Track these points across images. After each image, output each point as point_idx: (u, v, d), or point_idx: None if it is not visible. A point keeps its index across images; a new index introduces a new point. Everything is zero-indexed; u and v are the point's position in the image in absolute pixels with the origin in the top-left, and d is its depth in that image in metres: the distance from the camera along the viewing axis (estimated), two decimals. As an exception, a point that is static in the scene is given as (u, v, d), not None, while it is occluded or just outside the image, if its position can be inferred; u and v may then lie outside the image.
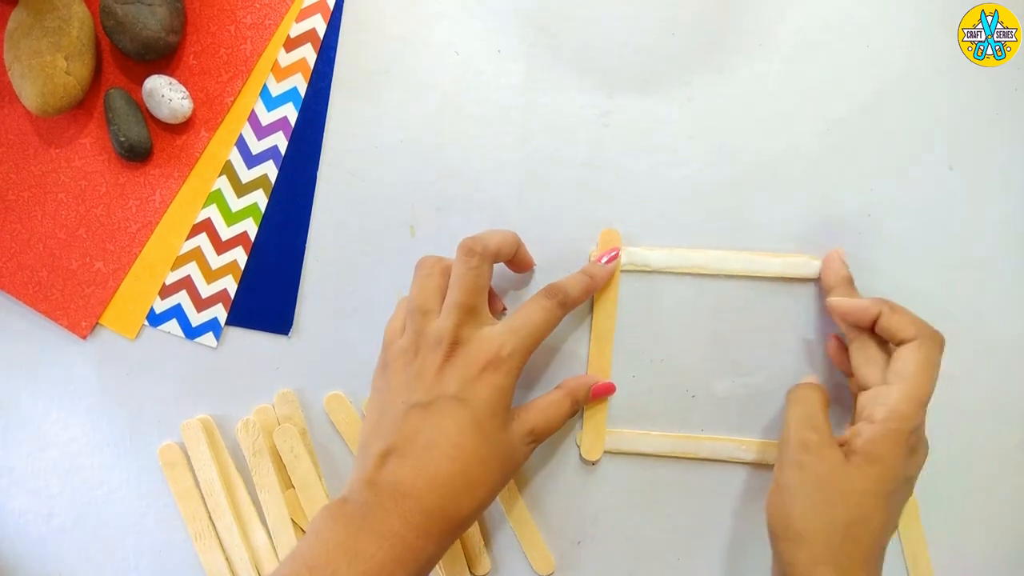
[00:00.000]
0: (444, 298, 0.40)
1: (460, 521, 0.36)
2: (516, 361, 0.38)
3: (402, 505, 0.35)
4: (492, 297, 0.45)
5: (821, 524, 0.36)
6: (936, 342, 0.38)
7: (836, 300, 0.41)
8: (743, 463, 0.45)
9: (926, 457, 0.38)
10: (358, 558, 0.33)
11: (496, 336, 0.38)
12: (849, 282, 0.42)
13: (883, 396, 0.37)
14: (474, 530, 0.46)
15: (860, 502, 0.36)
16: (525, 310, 0.40)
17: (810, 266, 0.44)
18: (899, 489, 0.37)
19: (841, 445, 0.38)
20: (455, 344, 0.38)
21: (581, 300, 0.42)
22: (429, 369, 0.38)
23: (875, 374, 0.39)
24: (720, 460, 0.45)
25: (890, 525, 0.37)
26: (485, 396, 0.37)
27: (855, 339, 0.40)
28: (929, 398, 0.37)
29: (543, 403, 0.41)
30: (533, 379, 0.46)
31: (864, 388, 0.39)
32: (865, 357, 0.40)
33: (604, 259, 0.44)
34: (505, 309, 0.46)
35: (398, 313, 0.42)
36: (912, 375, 0.37)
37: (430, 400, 0.37)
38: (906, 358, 0.37)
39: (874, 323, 0.39)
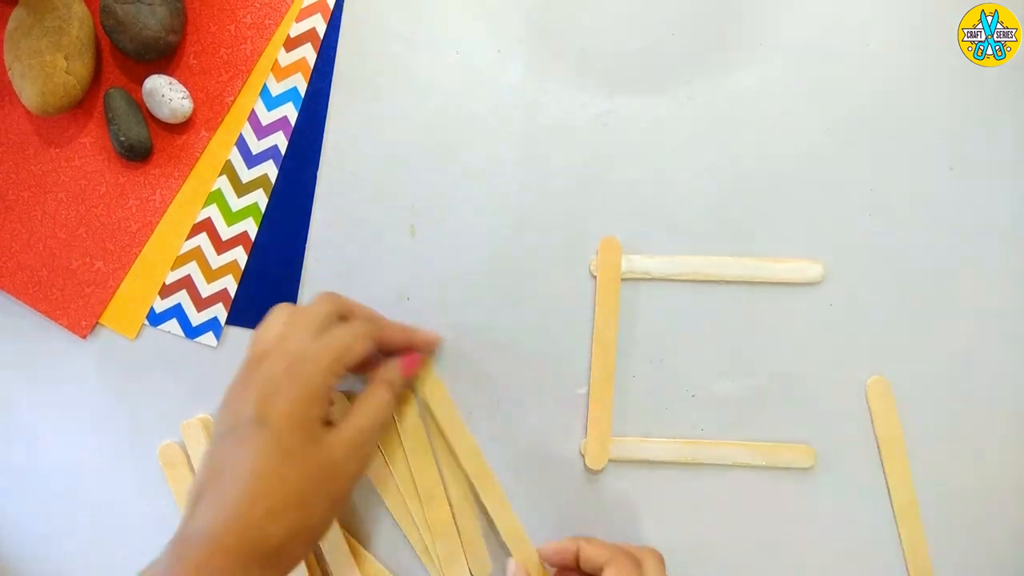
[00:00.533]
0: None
1: (273, 551, 0.33)
2: (316, 369, 0.35)
3: (201, 552, 0.32)
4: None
5: None
6: (626, 563, 0.38)
7: (541, 548, 0.42)
8: (747, 466, 0.45)
9: None
10: None
11: (299, 348, 0.36)
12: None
13: None
14: (474, 530, 0.46)
15: None
16: (341, 329, 0.38)
17: (809, 271, 0.44)
18: None
19: None
20: (262, 357, 0.36)
21: (393, 338, 0.42)
22: (235, 391, 0.36)
23: None
24: (725, 465, 0.45)
25: None
26: (284, 411, 0.34)
27: None
28: None
29: (360, 403, 0.39)
30: (533, 389, 0.46)
31: None
32: None
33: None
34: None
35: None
36: None
37: (232, 425, 0.35)
38: None
39: (577, 560, 0.40)
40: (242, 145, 0.47)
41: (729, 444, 0.45)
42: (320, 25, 0.47)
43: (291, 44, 0.47)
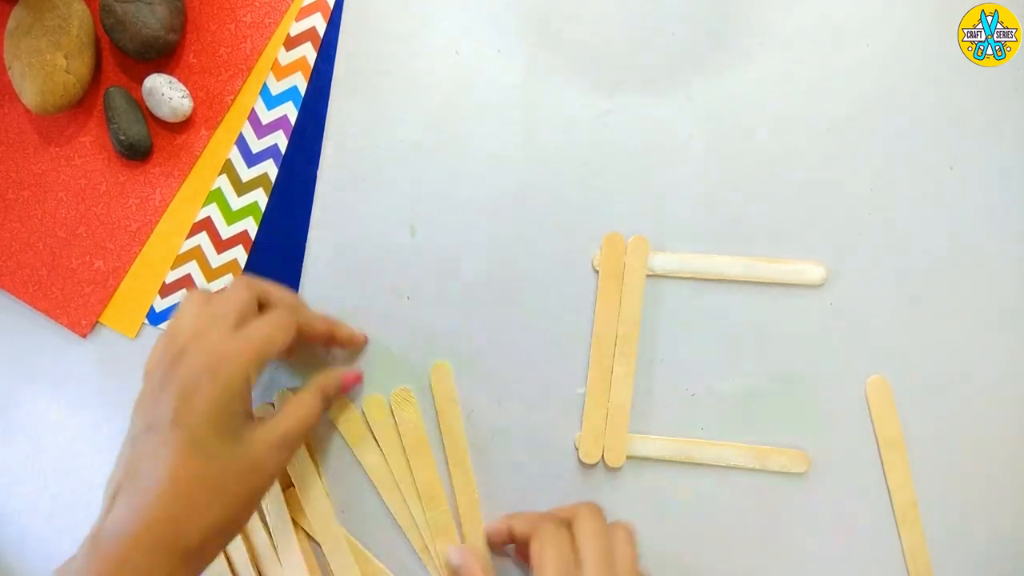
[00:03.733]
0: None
1: (190, 551, 0.33)
2: (236, 367, 0.35)
3: (120, 549, 0.32)
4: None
5: None
6: (550, 529, 0.38)
7: (485, 526, 0.44)
8: (742, 468, 0.45)
9: None
10: None
11: (217, 344, 0.35)
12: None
13: None
14: (475, 530, 0.46)
15: None
16: (261, 320, 0.38)
17: (812, 273, 0.44)
18: None
19: None
20: (180, 354, 0.35)
21: (315, 328, 0.42)
22: (153, 387, 0.35)
23: None
24: (720, 465, 0.45)
25: None
26: (203, 411, 0.34)
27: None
28: None
29: (292, 405, 0.39)
30: (533, 387, 0.46)
31: None
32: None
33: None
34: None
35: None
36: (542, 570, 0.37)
37: (149, 424, 0.35)
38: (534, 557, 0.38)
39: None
40: (242, 144, 0.47)
41: (725, 445, 0.45)
42: (320, 24, 0.47)
43: (291, 43, 0.47)
